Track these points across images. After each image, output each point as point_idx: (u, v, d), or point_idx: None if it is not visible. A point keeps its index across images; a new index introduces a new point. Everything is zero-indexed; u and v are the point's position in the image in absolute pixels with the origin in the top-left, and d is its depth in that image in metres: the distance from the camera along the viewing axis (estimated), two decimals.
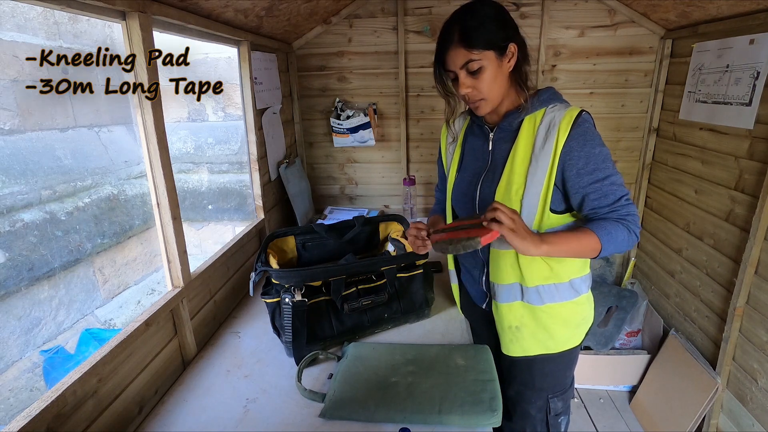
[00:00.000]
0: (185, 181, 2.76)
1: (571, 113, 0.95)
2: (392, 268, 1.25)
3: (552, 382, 1.14)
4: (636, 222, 0.94)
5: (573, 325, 1.09)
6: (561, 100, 1.01)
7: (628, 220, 0.94)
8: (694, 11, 1.69)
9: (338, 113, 2.27)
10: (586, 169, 0.93)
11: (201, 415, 0.99)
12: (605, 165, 0.93)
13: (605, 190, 0.93)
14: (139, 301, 2.46)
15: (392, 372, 1.06)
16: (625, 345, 2.24)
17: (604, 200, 0.94)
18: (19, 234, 1.79)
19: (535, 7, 2.07)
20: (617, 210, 0.94)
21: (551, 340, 1.08)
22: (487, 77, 0.94)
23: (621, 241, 0.93)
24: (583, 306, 1.09)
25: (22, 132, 1.92)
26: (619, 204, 0.94)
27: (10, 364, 1.76)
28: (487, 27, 0.92)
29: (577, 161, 0.93)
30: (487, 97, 0.97)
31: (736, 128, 1.58)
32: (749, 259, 1.48)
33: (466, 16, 0.93)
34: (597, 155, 0.92)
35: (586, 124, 0.94)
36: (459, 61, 0.93)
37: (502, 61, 0.95)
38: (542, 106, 0.99)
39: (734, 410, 1.61)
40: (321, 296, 1.19)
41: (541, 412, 1.16)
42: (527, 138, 0.98)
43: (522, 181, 0.98)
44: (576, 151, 0.92)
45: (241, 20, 1.50)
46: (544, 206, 0.97)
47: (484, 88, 0.95)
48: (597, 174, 0.93)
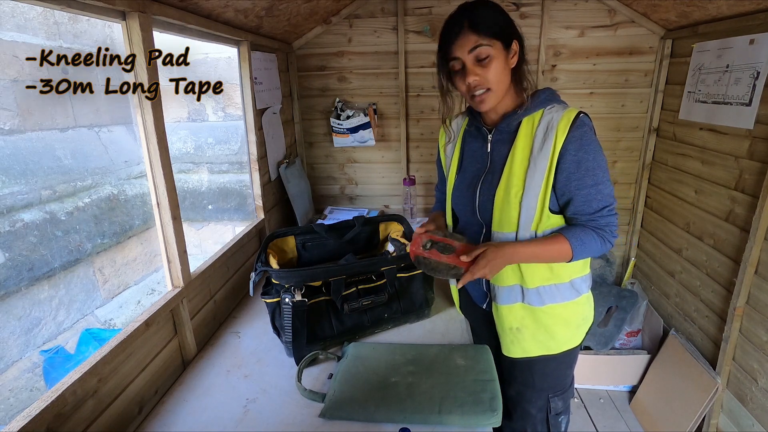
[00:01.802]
0: (185, 181, 2.76)
1: (569, 115, 0.94)
2: (392, 268, 1.25)
3: (552, 382, 1.14)
4: (613, 232, 0.97)
5: (574, 325, 1.09)
6: (559, 100, 1.01)
7: (605, 231, 0.96)
8: (694, 11, 1.69)
9: (338, 113, 2.27)
10: (576, 174, 0.93)
11: (201, 415, 0.99)
12: (595, 172, 0.93)
13: (590, 197, 0.94)
14: (139, 301, 2.46)
15: (392, 372, 1.06)
16: (625, 345, 2.24)
17: (587, 207, 0.95)
18: (19, 234, 1.79)
19: (535, 7, 2.07)
20: (596, 220, 0.96)
21: (552, 341, 1.08)
22: (495, 67, 0.93)
23: (593, 249, 0.97)
24: (583, 306, 1.09)
25: (22, 132, 1.92)
26: (600, 214, 0.95)
27: (10, 364, 1.76)
28: (497, 18, 0.94)
29: (569, 164, 0.93)
30: (493, 87, 0.95)
31: (736, 128, 1.58)
32: (749, 259, 1.48)
33: (475, 7, 0.94)
34: (590, 161, 0.93)
35: (585, 128, 0.94)
36: (468, 45, 0.92)
37: (507, 54, 0.95)
38: (540, 107, 0.98)
39: (734, 410, 1.61)
40: (321, 296, 1.19)
41: (541, 412, 1.16)
42: (525, 140, 0.98)
43: (521, 183, 0.98)
44: (570, 154, 0.93)
45: (241, 20, 1.50)
46: (542, 207, 0.98)
47: (491, 78, 0.94)
48: (586, 180, 0.93)
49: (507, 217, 1.00)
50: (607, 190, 0.95)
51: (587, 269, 1.10)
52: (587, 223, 0.97)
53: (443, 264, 0.97)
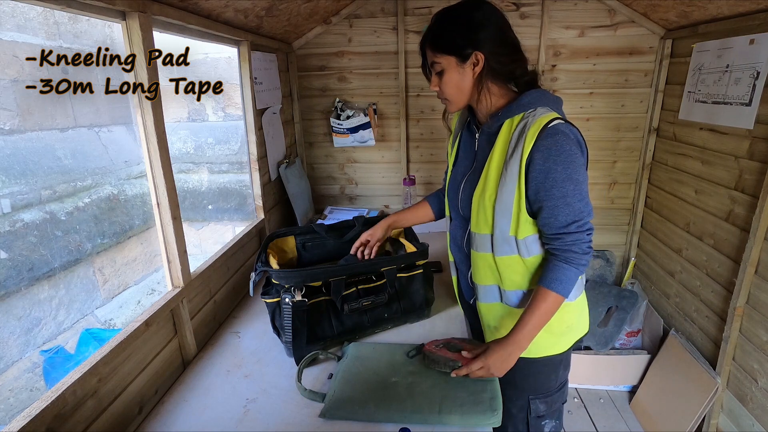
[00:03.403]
0: (185, 181, 2.76)
1: (541, 121, 0.91)
2: (392, 268, 1.25)
3: (534, 384, 1.12)
4: (583, 249, 0.92)
5: (556, 332, 1.06)
6: (546, 103, 0.96)
7: (573, 251, 0.92)
8: (694, 11, 1.69)
9: (338, 113, 2.27)
10: (544, 185, 0.91)
11: (201, 415, 0.99)
12: (564, 185, 0.89)
13: (557, 210, 0.91)
14: (139, 301, 2.46)
15: (392, 372, 1.06)
16: (625, 345, 2.24)
17: (553, 220, 0.92)
18: (19, 234, 1.79)
19: (535, 7, 2.07)
20: (562, 237, 0.93)
21: (532, 345, 1.05)
22: (447, 80, 0.98)
23: (571, 278, 0.94)
24: (569, 314, 1.06)
25: (22, 132, 1.92)
26: (567, 230, 0.92)
27: (10, 364, 1.76)
28: (451, 33, 0.95)
29: (537, 174, 0.91)
30: (450, 98, 1.01)
31: (736, 128, 1.58)
32: (749, 259, 1.48)
33: (438, 19, 0.98)
34: (558, 172, 0.89)
35: (557, 137, 0.89)
36: (429, 59, 1.00)
37: (463, 67, 0.95)
38: (521, 111, 0.96)
39: (734, 410, 1.61)
40: (321, 296, 1.19)
41: (522, 412, 1.14)
42: (503, 144, 0.97)
43: (494, 188, 0.97)
44: (538, 163, 0.90)
45: (241, 20, 1.50)
46: (518, 212, 0.96)
47: (446, 90, 1.00)
48: (553, 191, 0.90)
49: (483, 218, 1.01)
50: (577, 204, 0.90)
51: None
52: (552, 244, 0.94)
53: (444, 357, 1.02)
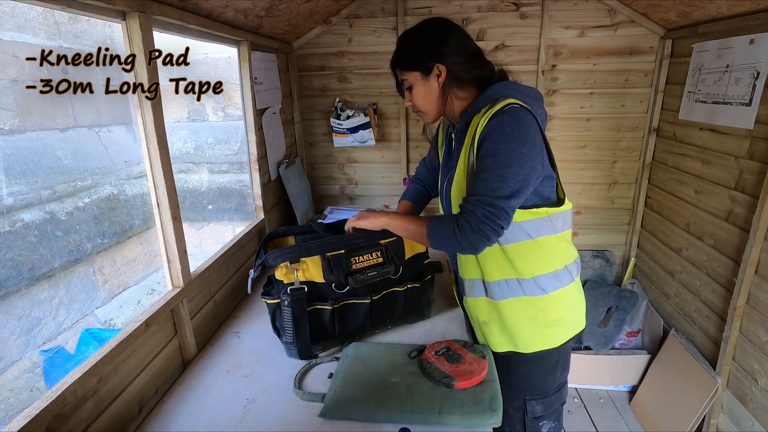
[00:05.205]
0: (185, 181, 2.76)
1: (496, 107, 0.91)
2: (393, 240, 1.19)
3: (529, 384, 1.12)
4: (472, 222, 0.90)
5: (541, 324, 1.05)
6: (509, 94, 0.95)
7: (465, 215, 0.91)
8: (694, 11, 1.69)
9: (338, 113, 2.27)
10: (482, 161, 0.91)
11: (201, 415, 0.99)
12: (496, 162, 0.88)
13: (477, 183, 0.91)
14: (139, 301, 2.46)
15: (392, 372, 1.06)
16: (625, 345, 2.24)
17: (469, 191, 0.95)
18: (19, 234, 1.79)
19: (535, 7, 2.07)
20: (464, 203, 0.93)
21: (519, 339, 1.06)
22: (416, 94, 1.05)
23: (445, 234, 0.96)
24: (553, 306, 1.04)
25: (22, 132, 1.92)
26: (473, 198, 0.91)
27: (10, 364, 1.76)
28: (412, 52, 1.03)
29: (478, 151, 0.93)
30: (422, 109, 1.07)
31: (736, 128, 1.58)
32: (749, 259, 1.48)
33: (401, 41, 1.06)
34: (487, 148, 0.89)
35: (501, 116, 0.89)
36: (398, 78, 1.08)
37: (428, 79, 1.02)
38: (486, 103, 0.96)
39: (734, 410, 1.61)
40: (323, 304, 1.16)
41: (518, 412, 1.14)
42: (469, 137, 0.98)
43: (463, 183, 0.99)
44: (486, 142, 0.90)
45: (241, 20, 1.50)
46: None
47: (417, 102, 1.06)
48: (484, 165, 0.90)
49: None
50: (493, 183, 0.88)
51: (552, 267, 1.03)
52: (461, 206, 0.95)
53: (439, 371, 1.02)
